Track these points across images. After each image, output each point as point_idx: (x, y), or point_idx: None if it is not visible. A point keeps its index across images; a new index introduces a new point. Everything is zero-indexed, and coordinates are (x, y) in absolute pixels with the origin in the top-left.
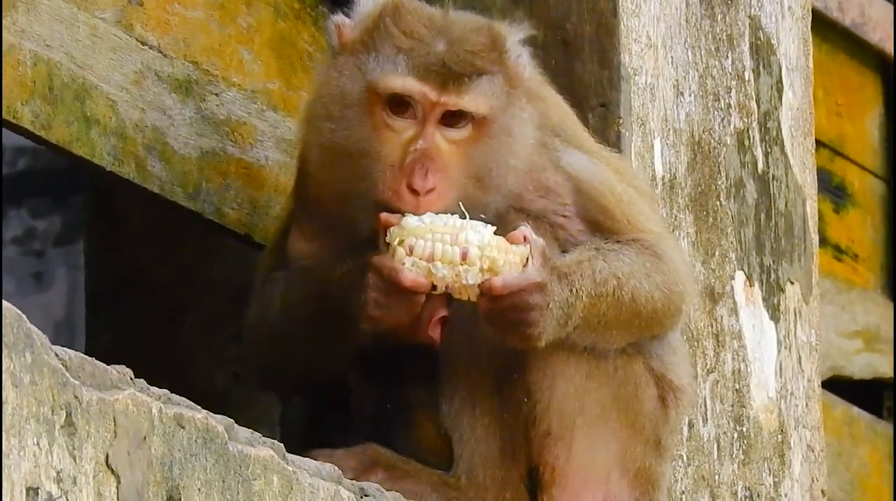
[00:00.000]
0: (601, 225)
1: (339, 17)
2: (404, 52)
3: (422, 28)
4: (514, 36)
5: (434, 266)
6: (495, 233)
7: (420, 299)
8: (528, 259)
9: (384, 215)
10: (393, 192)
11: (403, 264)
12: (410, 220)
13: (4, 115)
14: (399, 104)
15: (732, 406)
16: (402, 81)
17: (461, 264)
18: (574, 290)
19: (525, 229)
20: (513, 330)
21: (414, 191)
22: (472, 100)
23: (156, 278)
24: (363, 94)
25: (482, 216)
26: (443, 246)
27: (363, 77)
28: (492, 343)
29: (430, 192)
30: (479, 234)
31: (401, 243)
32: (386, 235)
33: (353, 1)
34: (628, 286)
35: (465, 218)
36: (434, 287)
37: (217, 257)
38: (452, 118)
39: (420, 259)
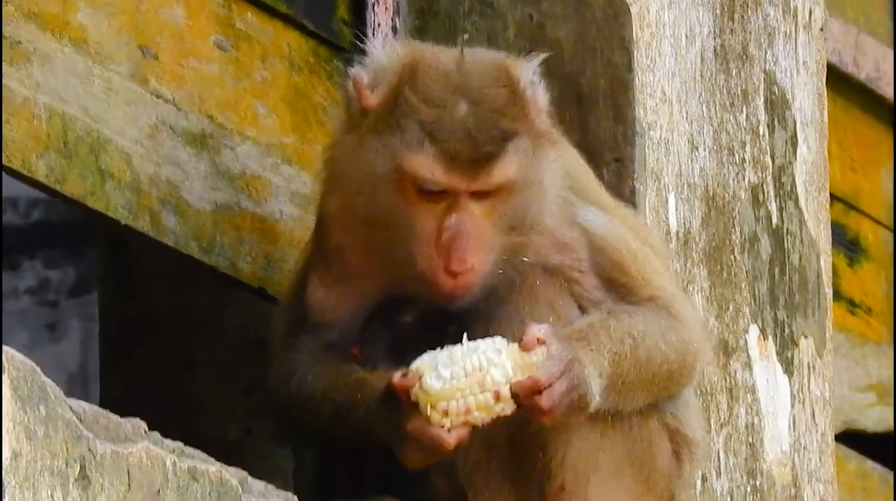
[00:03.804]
0: (616, 281)
1: (356, 72)
2: (428, 128)
3: (441, 91)
4: (527, 73)
5: (471, 416)
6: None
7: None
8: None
9: (398, 381)
10: (432, 273)
11: (442, 426)
12: (432, 383)
13: (20, 168)
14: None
15: (746, 459)
16: (431, 173)
17: (496, 404)
18: (594, 348)
19: (533, 329)
20: (569, 413)
21: (452, 273)
22: (501, 172)
23: (169, 326)
24: (393, 175)
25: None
26: (475, 397)
27: (391, 158)
28: None
29: (467, 271)
30: (501, 368)
31: (433, 407)
32: (407, 396)
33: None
34: (644, 345)
35: (472, 341)
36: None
37: (230, 306)
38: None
39: (457, 416)
